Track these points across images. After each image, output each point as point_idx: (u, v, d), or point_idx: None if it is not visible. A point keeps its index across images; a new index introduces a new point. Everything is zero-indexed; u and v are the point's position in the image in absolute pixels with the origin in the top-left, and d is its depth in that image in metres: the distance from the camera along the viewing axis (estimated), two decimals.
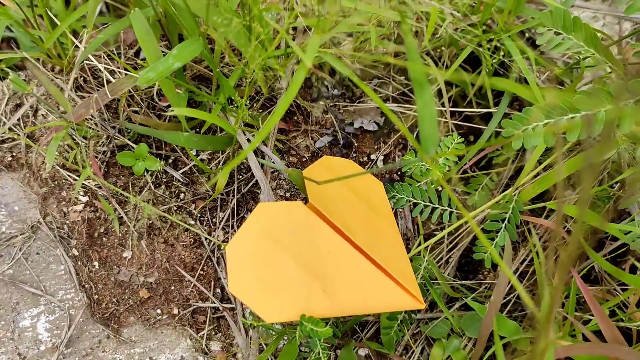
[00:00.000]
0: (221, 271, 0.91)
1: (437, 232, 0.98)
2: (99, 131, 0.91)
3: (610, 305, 0.76)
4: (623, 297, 0.72)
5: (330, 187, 0.77)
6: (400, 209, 0.97)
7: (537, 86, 0.88)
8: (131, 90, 0.92)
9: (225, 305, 0.89)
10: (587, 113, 0.70)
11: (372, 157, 1.00)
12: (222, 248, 0.91)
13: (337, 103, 1.01)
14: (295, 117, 0.99)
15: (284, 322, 0.71)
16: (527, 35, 1.10)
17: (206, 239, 0.91)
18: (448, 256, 0.95)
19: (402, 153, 1.01)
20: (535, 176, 0.92)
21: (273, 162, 0.90)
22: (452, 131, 0.96)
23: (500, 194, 0.88)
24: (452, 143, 0.82)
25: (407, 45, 0.79)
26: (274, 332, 0.82)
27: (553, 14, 0.80)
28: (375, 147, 1.00)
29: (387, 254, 0.73)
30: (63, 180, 0.90)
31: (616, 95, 0.67)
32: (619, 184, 0.86)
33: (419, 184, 0.84)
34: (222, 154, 0.94)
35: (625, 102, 0.70)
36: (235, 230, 0.93)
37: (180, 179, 0.93)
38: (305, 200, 0.77)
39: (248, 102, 0.80)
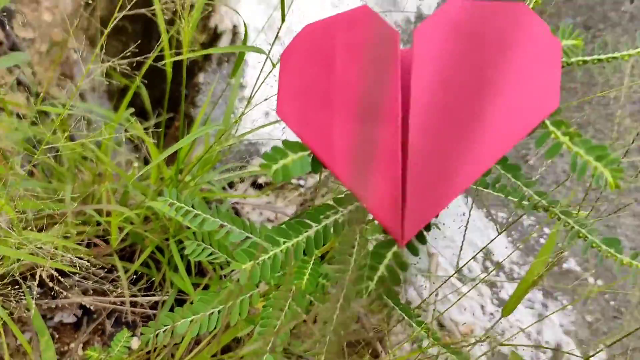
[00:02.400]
0: None
1: None
2: None
3: None
4: None
5: None
6: None
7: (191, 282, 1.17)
8: None
9: None
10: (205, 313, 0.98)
11: (72, 345, 1.16)
12: None
13: (39, 301, 1.16)
14: None
15: None
16: None
17: None
18: None
19: (100, 338, 1.19)
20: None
21: None
22: (138, 323, 1.18)
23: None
24: (122, 338, 1.04)
25: (26, 294, 1.01)
26: None
27: (194, 232, 1.09)
28: (76, 336, 1.17)
29: None
30: None
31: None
32: None
33: None
34: None
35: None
36: None
37: None
38: None
39: None
